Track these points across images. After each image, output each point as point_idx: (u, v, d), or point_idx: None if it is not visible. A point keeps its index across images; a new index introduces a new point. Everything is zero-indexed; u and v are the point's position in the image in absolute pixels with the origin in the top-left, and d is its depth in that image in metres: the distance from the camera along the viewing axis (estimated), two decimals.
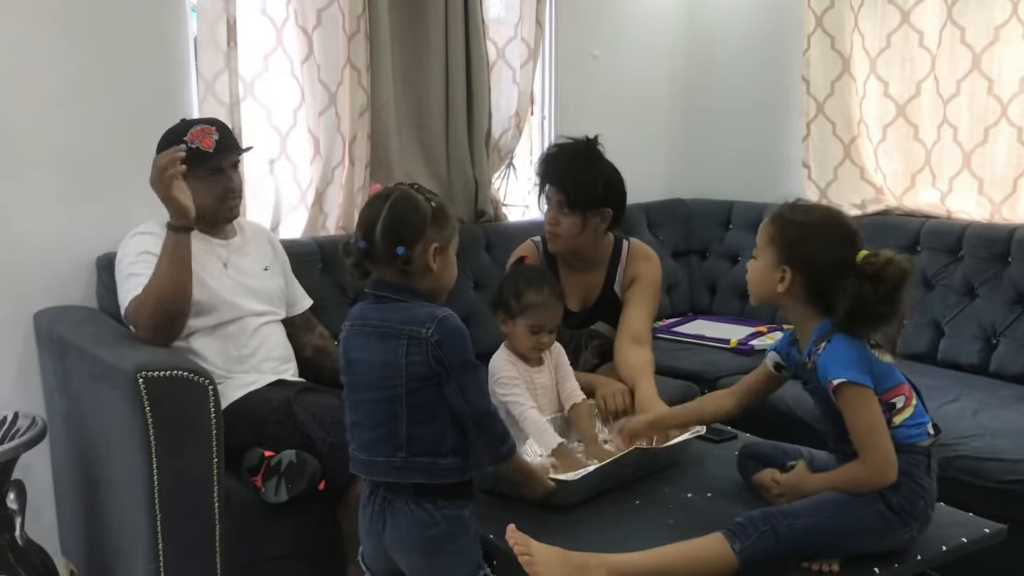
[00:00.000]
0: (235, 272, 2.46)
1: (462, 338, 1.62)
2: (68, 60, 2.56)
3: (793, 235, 1.71)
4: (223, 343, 2.35)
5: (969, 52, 3.03)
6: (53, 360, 2.42)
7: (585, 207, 2.45)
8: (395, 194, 1.64)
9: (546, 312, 2.19)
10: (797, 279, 1.71)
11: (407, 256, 1.61)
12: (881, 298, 1.63)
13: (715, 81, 3.98)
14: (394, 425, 1.62)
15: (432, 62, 3.16)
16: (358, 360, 1.66)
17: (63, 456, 2.47)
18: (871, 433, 1.64)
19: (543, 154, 2.57)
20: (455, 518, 1.64)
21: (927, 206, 3.23)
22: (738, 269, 3.73)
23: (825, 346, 1.68)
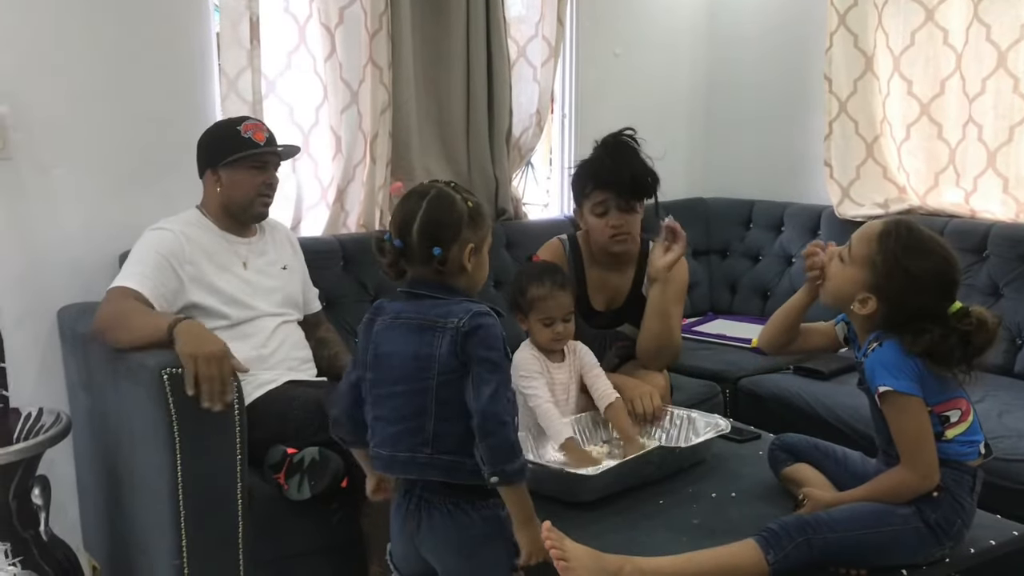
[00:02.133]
0: (254, 272, 2.46)
1: (491, 334, 1.56)
2: (92, 59, 2.57)
3: (895, 276, 1.64)
4: (242, 342, 2.34)
5: (995, 50, 3.00)
6: (77, 356, 2.43)
7: (647, 197, 2.44)
8: (432, 192, 1.62)
9: (550, 303, 2.19)
10: (880, 310, 1.67)
11: (443, 257, 1.59)
12: (963, 355, 1.61)
13: (736, 79, 3.97)
14: (422, 420, 1.59)
15: (453, 60, 3.16)
16: (390, 353, 1.63)
17: (87, 452, 2.48)
18: (915, 440, 1.62)
19: (597, 159, 2.46)
20: (493, 519, 1.62)
21: (951, 206, 3.20)
22: (759, 268, 3.71)
23: (876, 348, 1.65)
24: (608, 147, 2.45)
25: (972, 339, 1.61)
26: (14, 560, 2.09)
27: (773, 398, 2.87)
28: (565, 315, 2.21)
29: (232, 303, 2.36)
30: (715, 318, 3.65)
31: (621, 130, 2.48)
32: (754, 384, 2.96)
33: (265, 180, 2.42)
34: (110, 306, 2.19)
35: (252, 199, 2.40)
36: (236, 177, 2.36)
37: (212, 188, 2.41)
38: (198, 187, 2.46)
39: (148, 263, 2.26)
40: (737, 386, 2.99)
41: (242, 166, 2.37)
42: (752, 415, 2.74)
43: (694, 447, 2.08)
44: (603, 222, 2.42)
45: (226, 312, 2.35)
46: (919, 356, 1.62)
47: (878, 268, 1.66)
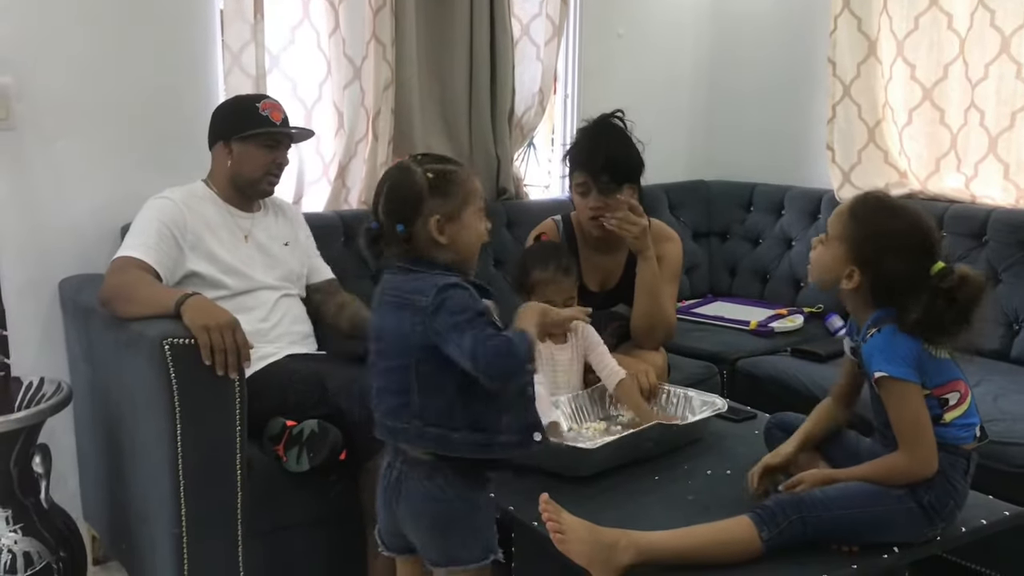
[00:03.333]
0: (255, 245, 2.47)
1: (456, 301, 1.53)
2: (96, 31, 2.57)
3: (870, 240, 1.65)
4: (242, 315, 2.35)
5: (998, 35, 2.99)
6: (78, 327, 2.44)
7: (631, 181, 2.45)
8: (392, 169, 1.64)
9: (552, 287, 2.21)
10: (864, 281, 1.67)
11: (407, 233, 1.59)
12: (954, 317, 1.60)
13: (740, 62, 3.96)
14: (408, 395, 1.62)
15: (457, 38, 3.15)
16: (383, 328, 1.66)
17: (87, 423, 2.49)
18: (913, 426, 1.63)
19: (577, 141, 2.51)
20: (466, 499, 1.63)
21: (951, 191, 3.20)
22: (759, 251, 3.72)
23: (874, 334, 1.66)
24: (588, 128, 2.51)
25: (957, 295, 1.60)
26: (15, 527, 2.11)
27: (770, 379, 2.89)
28: (567, 299, 2.23)
29: (231, 273, 2.38)
30: (714, 300, 3.66)
31: (610, 111, 2.50)
32: (752, 365, 2.98)
33: (275, 159, 2.44)
34: (116, 277, 2.22)
35: (260, 176, 2.43)
36: (248, 152, 2.39)
37: (222, 160, 2.43)
38: (200, 159, 2.47)
39: (151, 232, 2.28)
40: (735, 367, 3.01)
41: (255, 142, 2.39)
42: (749, 396, 2.75)
43: (692, 424, 2.10)
44: (584, 203, 2.46)
45: (226, 282, 2.37)
46: (914, 331, 1.63)
47: (854, 238, 1.67)
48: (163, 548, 2.06)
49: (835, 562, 1.60)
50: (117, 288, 2.18)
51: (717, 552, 1.58)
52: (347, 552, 2.21)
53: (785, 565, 1.58)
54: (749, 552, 1.58)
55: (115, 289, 2.18)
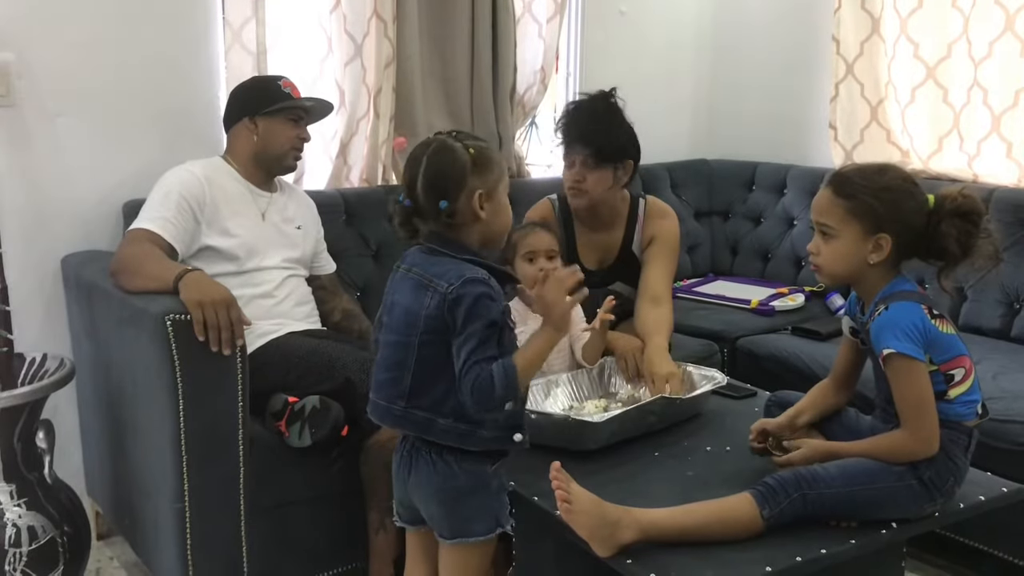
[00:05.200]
0: (270, 224, 2.50)
1: (480, 301, 1.55)
2: (95, 8, 2.56)
3: (883, 200, 1.66)
4: (252, 289, 2.38)
5: (1003, 13, 2.98)
6: (80, 304, 2.45)
7: (614, 160, 2.46)
8: (433, 145, 1.63)
9: (530, 238, 2.24)
10: (895, 242, 1.67)
11: (451, 209, 1.59)
12: (976, 227, 1.64)
13: (743, 40, 3.94)
14: (401, 373, 1.63)
15: (458, 15, 3.14)
16: (395, 303, 1.67)
17: (90, 399, 2.51)
18: (917, 406, 1.63)
19: (564, 112, 2.56)
20: (477, 473, 1.65)
21: (954, 170, 3.19)
22: (760, 230, 3.71)
23: (883, 311, 1.66)
24: (581, 104, 2.53)
25: (967, 208, 1.64)
26: (19, 501, 2.12)
27: (771, 358, 2.89)
28: (548, 251, 2.23)
29: (244, 248, 2.40)
30: (716, 279, 3.66)
31: (597, 92, 2.53)
32: (752, 344, 2.98)
33: (299, 134, 2.49)
34: (127, 248, 2.24)
35: (287, 151, 2.47)
36: (273, 127, 2.43)
37: (246, 137, 2.45)
38: (201, 136, 2.48)
39: (170, 206, 2.30)
40: (735, 345, 3.01)
41: (280, 117, 2.44)
42: (750, 374, 2.76)
43: (694, 398, 2.11)
44: (567, 174, 2.51)
45: (239, 256, 2.39)
46: (958, 259, 1.65)
47: (863, 210, 1.67)
48: (166, 523, 2.08)
49: (834, 538, 1.61)
50: (126, 261, 2.20)
51: (719, 530, 1.59)
52: (350, 528, 2.23)
53: (784, 541, 1.58)
54: (750, 529, 1.59)
55: (123, 262, 2.20)
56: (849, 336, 1.86)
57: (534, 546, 1.93)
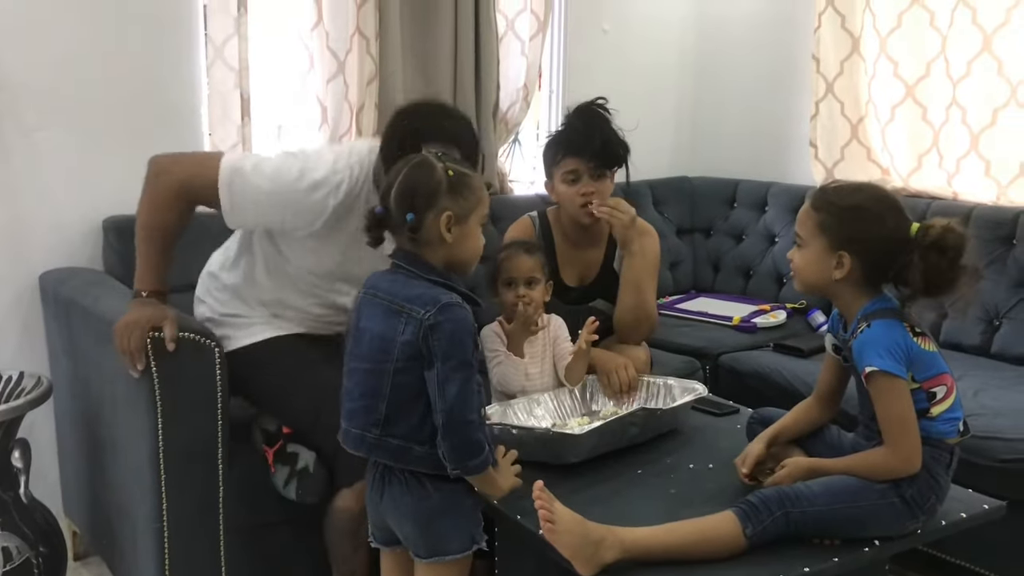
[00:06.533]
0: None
1: (459, 330, 1.56)
2: (76, 22, 2.55)
3: (846, 219, 1.66)
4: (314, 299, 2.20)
5: (980, 33, 3.01)
6: (59, 321, 2.42)
7: (616, 166, 2.45)
8: (415, 160, 1.63)
9: (509, 263, 2.22)
10: (855, 262, 1.67)
11: (416, 223, 1.59)
12: (951, 264, 1.61)
13: (724, 58, 3.97)
14: (375, 401, 1.62)
15: (441, 32, 3.14)
16: (364, 329, 1.66)
17: (67, 416, 2.48)
18: (900, 424, 1.63)
19: (568, 126, 2.48)
20: (451, 492, 1.64)
21: (934, 188, 3.22)
22: (742, 247, 3.73)
23: (864, 328, 1.66)
24: (580, 114, 2.47)
25: (946, 245, 1.61)
26: None
27: (753, 374, 2.90)
28: (527, 277, 2.22)
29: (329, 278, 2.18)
30: (698, 296, 3.67)
31: (594, 99, 2.49)
32: (734, 361, 2.99)
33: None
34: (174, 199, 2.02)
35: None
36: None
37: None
38: None
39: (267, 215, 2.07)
40: (718, 362, 3.02)
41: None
42: (732, 391, 2.76)
43: (675, 409, 2.10)
44: (574, 190, 2.43)
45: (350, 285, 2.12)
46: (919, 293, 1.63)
47: (830, 225, 1.68)
48: (144, 543, 2.05)
49: (817, 556, 1.60)
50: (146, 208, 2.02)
51: (702, 548, 1.58)
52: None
53: (767, 559, 1.58)
54: (733, 548, 1.58)
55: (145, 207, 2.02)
56: (832, 353, 1.87)
57: (516, 565, 1.92)
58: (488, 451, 1.60)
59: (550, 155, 2.49)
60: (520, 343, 2.26)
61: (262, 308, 2.20)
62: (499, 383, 2.25)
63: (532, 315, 2.22)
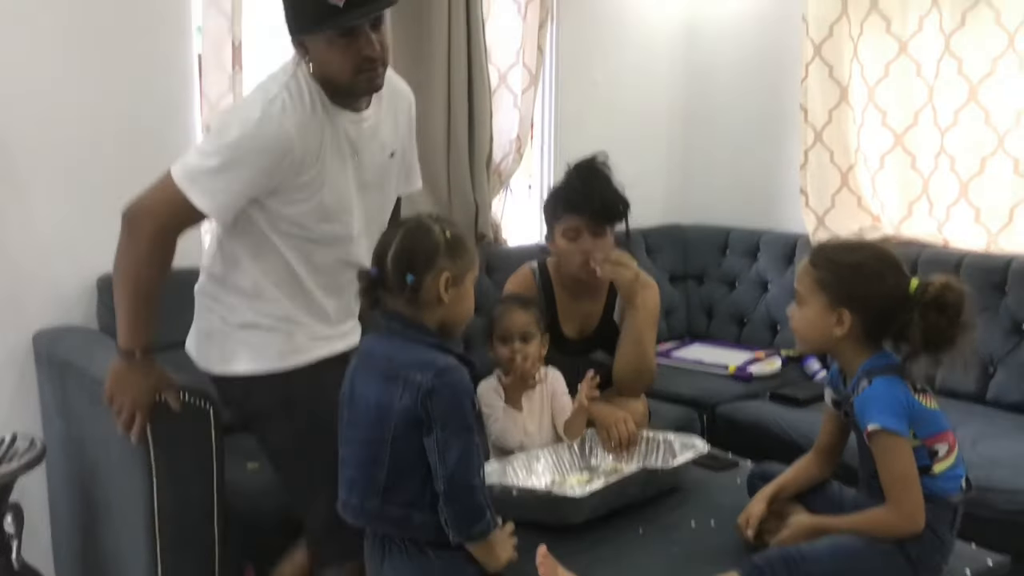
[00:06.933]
0: (358, 167, 1.95)
1: (458, 395, 1.56)
2: (71, 77, 2.56)
3: (845, 276, 1.68)
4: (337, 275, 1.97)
5: (966, 83, 3.06)
6: (52, 381, 2.40)
7: (616, 223, 2.46)
8: (410, 222, 1.65)
9: (505, 319, 2.22)
10: (855, 320, 1.68)
11: (416, 284, 1.59)
12: (951, 322, 1.62)
13: (714, 108, 4.01)
14: (375, 470, 1.60)
15: (435, 86, 3.17)
16: (359, 396, 1.65)
17: (61, 479, 2.45)
18: (902, 482, 1.62)
19: (567, 184, 2.47)
20: (451, 559, 1.62)
21: (924, 235, 3.24)
22: (735, 294, 3.74)
23: (866, 386, 1.66)
24: (579, 171, 2.48)
25: (946, 302, 1.62)
26: None
27: (750, 425, 2.89)
28: (523, 332, 2.22)
29: (341, 211, 1.93)
30: (692, 343, 3.67)
31: (593, 155, 2.50)
32: (732, 410, 2.98)
33: (359, 52, 1.80)
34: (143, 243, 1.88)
35: (351, 78, 1.83)
36: (322, 51, 1.82)
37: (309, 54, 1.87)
38: None
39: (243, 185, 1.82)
40: (715, 412, 3.01)
41: (325, 40, 1.80)
42: (730, 442, 2.74)
43: (676, 468, 2.09)
44: (574, 247, 2.43)
45: (335, 222, 1.93)
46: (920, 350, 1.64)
47: (828, 283, 1.69)
48: None
49: None
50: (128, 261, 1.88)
51: None
52: None
53: None
54: None
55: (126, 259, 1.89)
56: (831, 408, 1.87)
57: None
58: (489, 516, 1.59)
59: (550, 211, 2.49)
60: (518, 398, 2.26)
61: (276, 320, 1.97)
62: (497, 439, 2.24)
63: (529, 370, 2.22)
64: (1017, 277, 2.93)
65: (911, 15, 3.18)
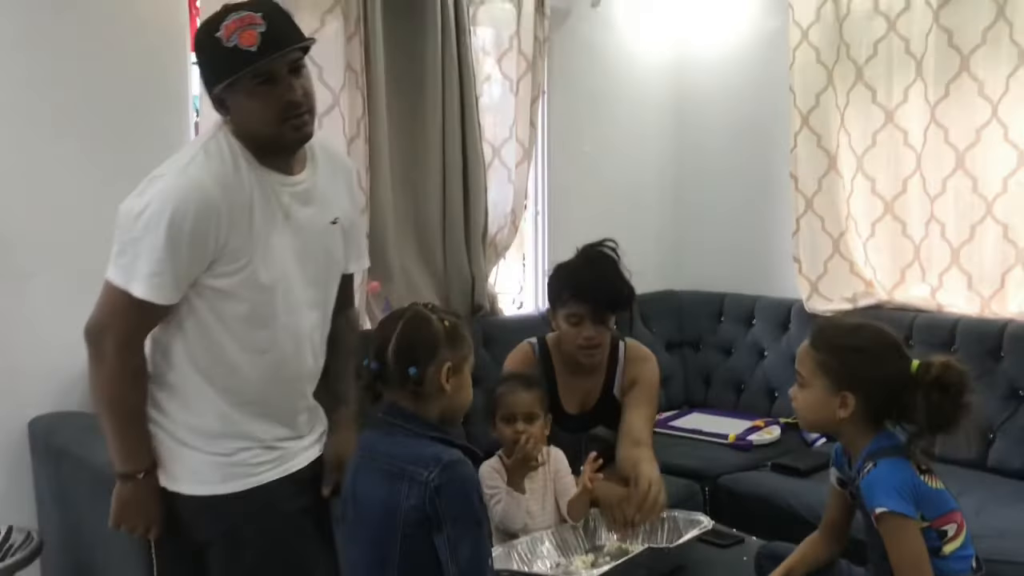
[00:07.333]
0: (294, 232, 1.76)
1: (466, 490, 1.55)
2: (70, 168, 2.57)
3: (847, 359, 1.70)
4: (274, 364, 1.75)
5: (953, 152, 3.10)
6: (49, 469, 2.37)
7: (622, 312, 2.46)
8: (408, 314, 1.65)
9: (509, 398, 2.20)
10: (859, 401, 1.69)
11: (419, 376, 1.59)
12: (953, 402, 1.64)
13: (705, 176, 4.05)
14: (384, 570, 1.58)
15: (430, 162, 3.21)
16: (364, 495, 1.63)
17: (57, 570, 2.40)
18: (912, 564, 1.63)
19: (576, 272, 2.45)
20: None
21: (918, 300, 3.27)
22: (732, 361, 3.75)
23: (871, 468, 1.67)
24: (588, 258, 2.47)
25: (947, 383, 1.64)
26: None
27: (753, 497, 2.88)
28: (527, 413, 2.20)
29: (274, 283, 1.73)
30: (691, 411, 3.66)
31: (602, 241, 2.50)
32: (733, 482, 2.97)
33: (281, 99, 1.65)
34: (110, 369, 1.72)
35: (275, 128, 1.68)
36: (242, 105, 1.68)
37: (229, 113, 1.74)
38: None
39: (179, 255, 1.65)
40: (716, 484, 2.99)
41: (242, 91, 1.65)
42: (733, 514, 2.73)
43: (681, 546, 2.07)
44: (575, 332, 2.42)
45: (267, 299, 1.72)
46: (924, 430, 1.65)
47: (831, 366, 1.71)
48: None
49: None
50: (100, 382, 1.74)
51: None
52: None
53: None
54: None
55: (98, 381, 1.74)
56: (837, 487, 1.86)
57: None
58: None
59: (555, 290, 2.48)
60: (520, 479, 2.24)
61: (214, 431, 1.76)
62: (500, 521, 2.21)
63: (532, 451, 2.21)
64: (1012, 342, 2.95)
65: (896, 86, 3.25)
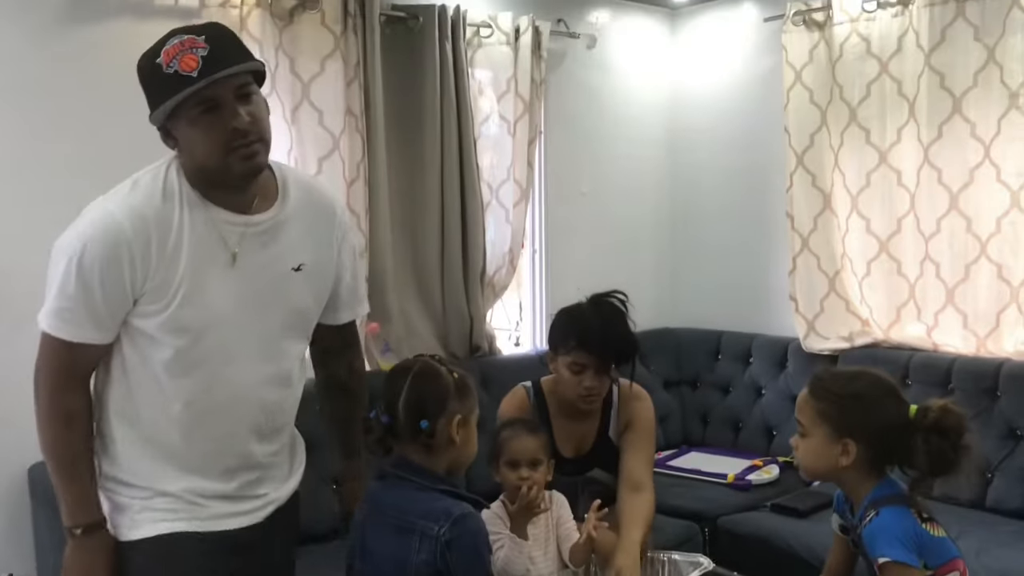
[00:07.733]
0: (241, 276, 1.62)
1: (476, 542, 1.56)
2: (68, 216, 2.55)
3: (846, 407, 1.71)
4: (199, 416, 1.62)
5: (946, 192, 3.13)
6: (48, 515, 2.35)
7: (625, 365, 2.45)
8: (417, 367, 1.66)
9: (513, 444, 2.17)
10: (860, 449, 1.70)
11: (431, 430, 1.60)
12: (953, 446, 1.65)
13: (701, 214, 4.08)
14: None
15: (429, 205, 3.24)
16: (373, 550, 1.64)
17: None
18: None
19: (584, 321, 2.40)
20: None
21: (914, 339, 3.28)
22: (729, 400, 3.75)
23: (874, 517, 1.68)
24: (598, 308, 2.42)
25: (947, 427, 1.65)
26: None
27: (753, 538, 2.88)
28: (531, 459, 2.19)
29: (191, 333, 1.58)
30: (689, 451, 3.66)
31: (611, 292, 2.49)
32: (733, 523, 2.96)
33: (226, 126, 1.52)
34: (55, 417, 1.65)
35: (222, 159, 1.54)
36: (187, 134, 1.55)
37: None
38: None
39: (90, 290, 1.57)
40: (716, 525, 2.99)
41: (186, 119, 1.53)
42: (733, 555, 2.73)
43: None
44: (576, 380, 2.40)
45: (168, 342, 1.59)
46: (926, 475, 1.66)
47: (831, 414, 1.72)
48: None
49: None
50: (40, 429, 1.66)
51: None
52: None
53: None
54: None
55: (39, 428, 1.66)
56: (839, 533, 1.87)
57: None
58: None
59: (559, 336, 2.44)
60: (523, 525, 2.23)
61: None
62: (503, 568, 2.20)
63: (535, 498, 2.20)
64: (1008, 381, 2.96)
65: (889, 126, 3.28)
